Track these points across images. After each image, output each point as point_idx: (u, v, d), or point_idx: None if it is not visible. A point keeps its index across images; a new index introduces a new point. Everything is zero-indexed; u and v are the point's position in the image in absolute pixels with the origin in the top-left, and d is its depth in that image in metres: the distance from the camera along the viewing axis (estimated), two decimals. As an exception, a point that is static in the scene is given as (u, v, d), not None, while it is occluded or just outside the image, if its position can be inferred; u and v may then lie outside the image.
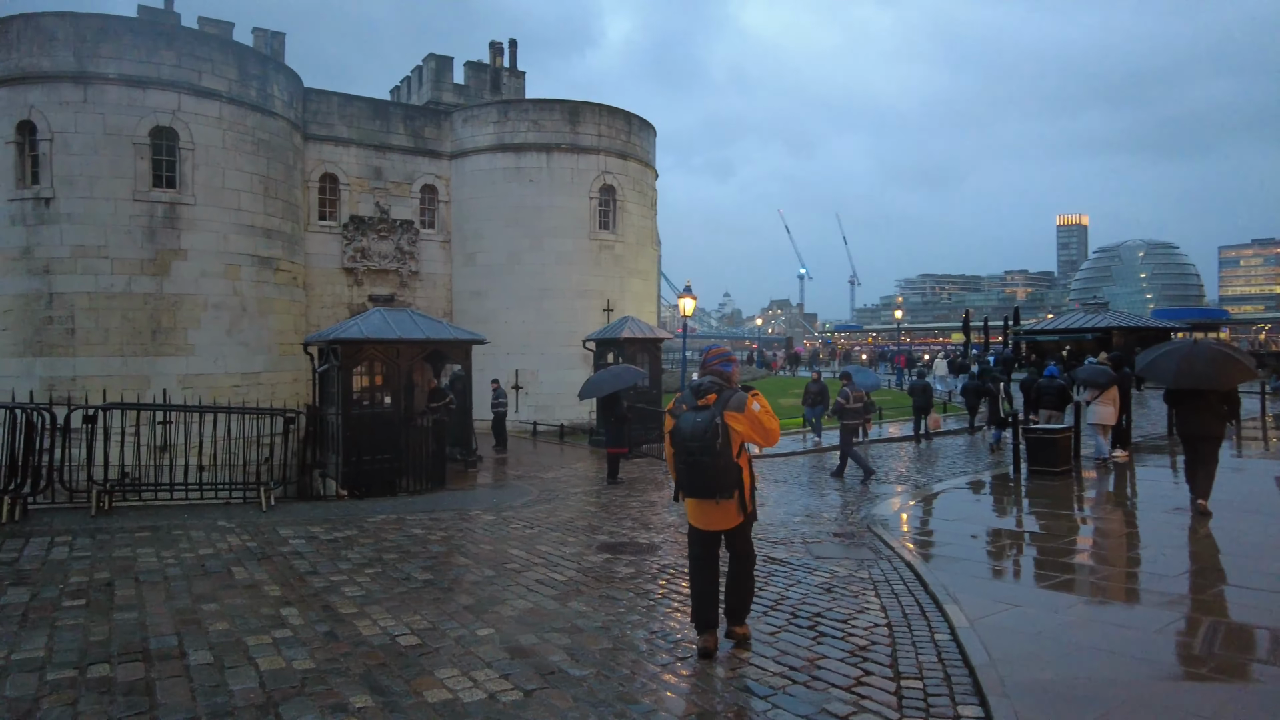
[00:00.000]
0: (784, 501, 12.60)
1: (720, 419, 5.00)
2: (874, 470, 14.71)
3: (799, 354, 63.13)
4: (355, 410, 15.54)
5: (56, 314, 18.78)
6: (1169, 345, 10.74)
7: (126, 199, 18.93)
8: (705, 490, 5.03)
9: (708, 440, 4.93)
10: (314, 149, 24.20)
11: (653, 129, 28.43)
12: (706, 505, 5.11)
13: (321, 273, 24.42)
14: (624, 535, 9.53)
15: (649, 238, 27.85)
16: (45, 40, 18.72)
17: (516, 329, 25.34)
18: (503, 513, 11.09)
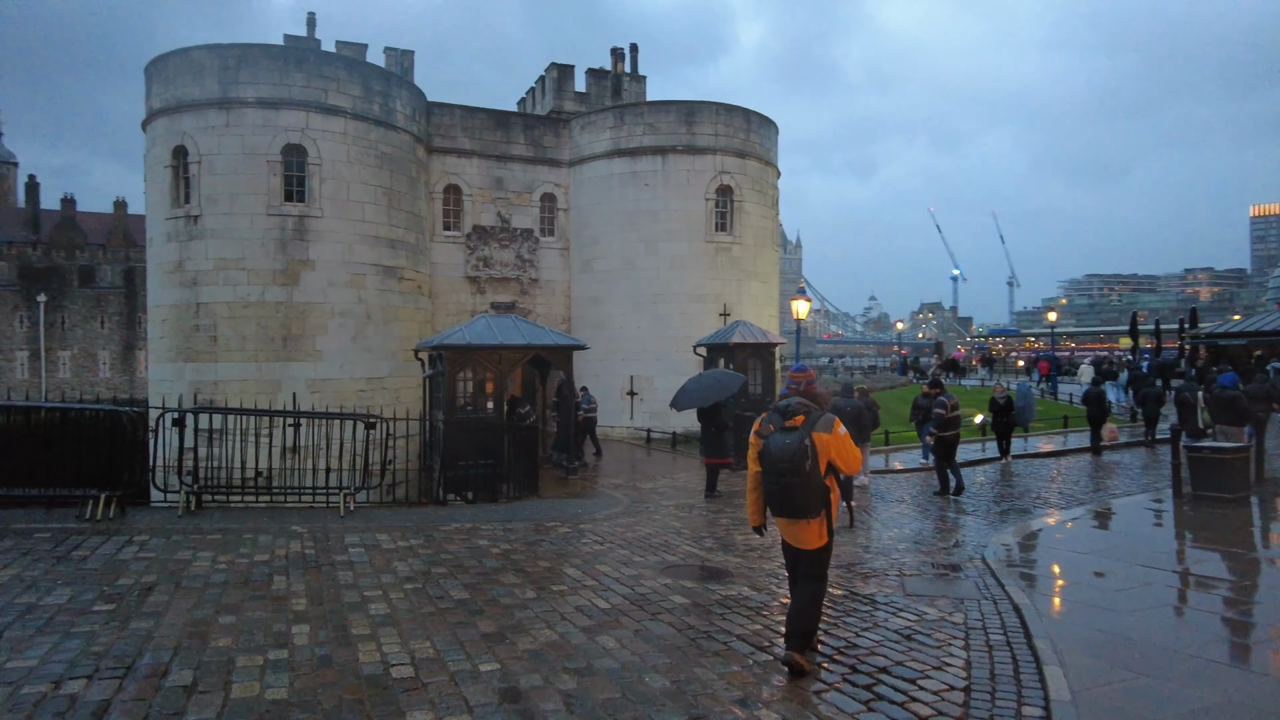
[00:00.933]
0: (893, 524, 11.34)
1: (809, 440, 5.03)
2: (964, 486, 13.25)
3: (957, 359, 56.79)
4: (458, 415, 15.65)
5: (202, 322, 20.22)
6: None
7: (261, 213, 20.12)
8: (794, 511, 5.10)
9: (797, 461, 4.97)
10: (438, 161, 24.92)
11: (774, 125, 27.31)
12: (798, 523, 5.19)
13: (446, 281, 25.07)
14: (697, 557, 8.73)
15: (769, 239, 26.72)
16: (195, 71, 20.24)
17: (631, 335, 24.97)
18: (580, 525, 10.56)
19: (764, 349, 19.69)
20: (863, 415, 13.39)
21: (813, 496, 5.06)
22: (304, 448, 11.87)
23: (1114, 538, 9.72)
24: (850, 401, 13.64)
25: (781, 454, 5.03)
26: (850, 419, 13.00)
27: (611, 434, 25.25)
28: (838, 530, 6.07)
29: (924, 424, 16.79)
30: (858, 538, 10.14)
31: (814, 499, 5.07)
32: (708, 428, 14.88)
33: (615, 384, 25.17)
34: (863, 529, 10.82)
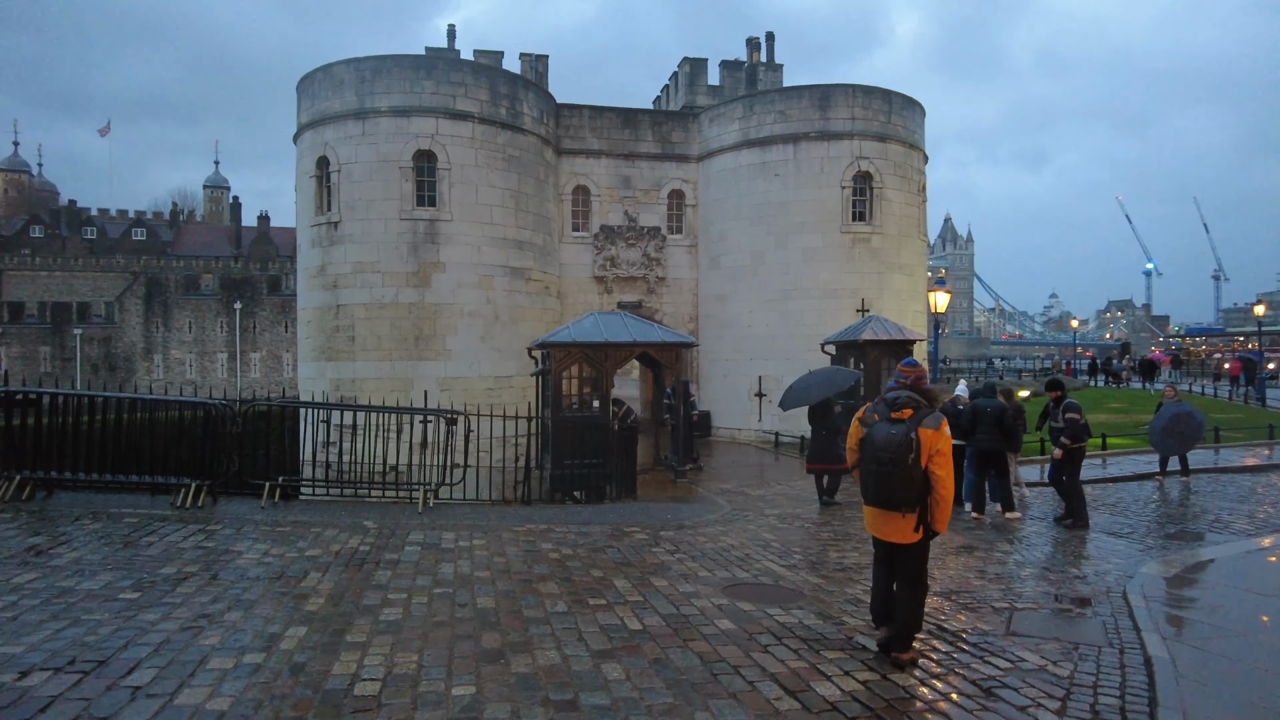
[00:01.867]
0: (1024, 543, 9.74)
1: (915, 434, 5.01)
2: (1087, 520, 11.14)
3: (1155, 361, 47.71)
4: (563, 413, 15.38)
5: (341, 323, 21.30)
6: None
7: (394, 218, 20.92)
8: (890, 501, 5.08)
9: (900, 453, 4.98)
10: (566, 163, 25.01)
11: (919, 107, 25.25)
12: (889, 516, 5.14)
13: (574, 282, 25.11)
14: (773, 575, 7.76)
15: (915, 228, 24.69)
16: (335, 85, 21.40)
17: (760, 333, 23.86)
18: (661, 531, 9.82)
19: (899, 346, 18.02)
20: (1005, 416, 11.72)
21: (910, 489, 5.00)
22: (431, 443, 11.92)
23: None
24: (991, 402, 12.01)
25: (886, 443, 5.03)
26: (990, 420, 11.39)
27: (739, 436, 24.29)
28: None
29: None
30: (975, 559, 8.72)
31: (910, 492, 5.01)
32: (817, 430, 13.64)
33: (742, 384, 24.17)
34: (984, 548, 9.33)
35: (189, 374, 59.73)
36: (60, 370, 58.42)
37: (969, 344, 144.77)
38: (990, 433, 11.51)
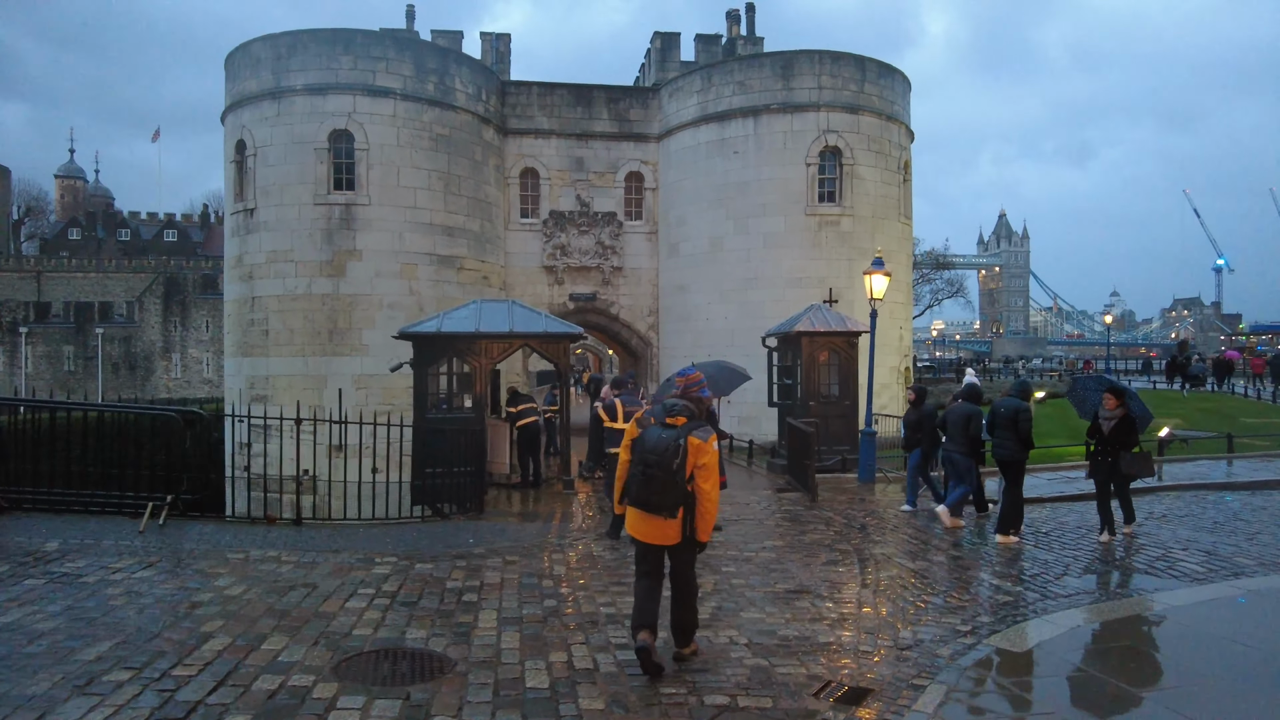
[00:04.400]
0: (881, 588, 7.56)
1: (684, 442, 5.11)
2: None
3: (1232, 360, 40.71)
4: (430, 414, 13.61)
5: (256, 316, 19.96)
6: None
7: (309, 203, 19.48)
8: (651, 504, 5.11)
9: (666, 457, 5.05)
10: (513, 143, 23.29)
11: (899, 75, 22.75)
12: (650, 518, 5.17)
13: (522, 272, 23.37)
14: (418, 640, 5.81)
15: (893, 209, 22.20)
16: (252, 64, 20.08)
17: (719, 326, 21.72)
18: (418, 565, 7.93)
19: (839, 339, 15.76)
20: (1021, 417, 9.72)
21: (671, 493, 5.08)
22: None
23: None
24: (1009, 401, 9.98)
25: (655, 446, 5.11)
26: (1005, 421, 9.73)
27: (697, 440, 22.15)
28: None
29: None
30: (791, 605, 6.60)
31: (672, 496, 5.08)
32: None
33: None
34: (826, 589, 7.19)
35: (206, 373, 60.02)
36: (83, 369, 59.35)
37: (1024, 344, 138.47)
38: (1004, 437, 9.77)
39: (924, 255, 69.02)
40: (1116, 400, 9.39)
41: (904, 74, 22.88)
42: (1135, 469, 9.41)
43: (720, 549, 9.03)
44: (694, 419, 5.29)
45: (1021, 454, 9.74)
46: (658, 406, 5.47)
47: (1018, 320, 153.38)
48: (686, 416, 5.27)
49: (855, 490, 13.59)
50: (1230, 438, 17.14)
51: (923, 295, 69.26)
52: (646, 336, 24.09)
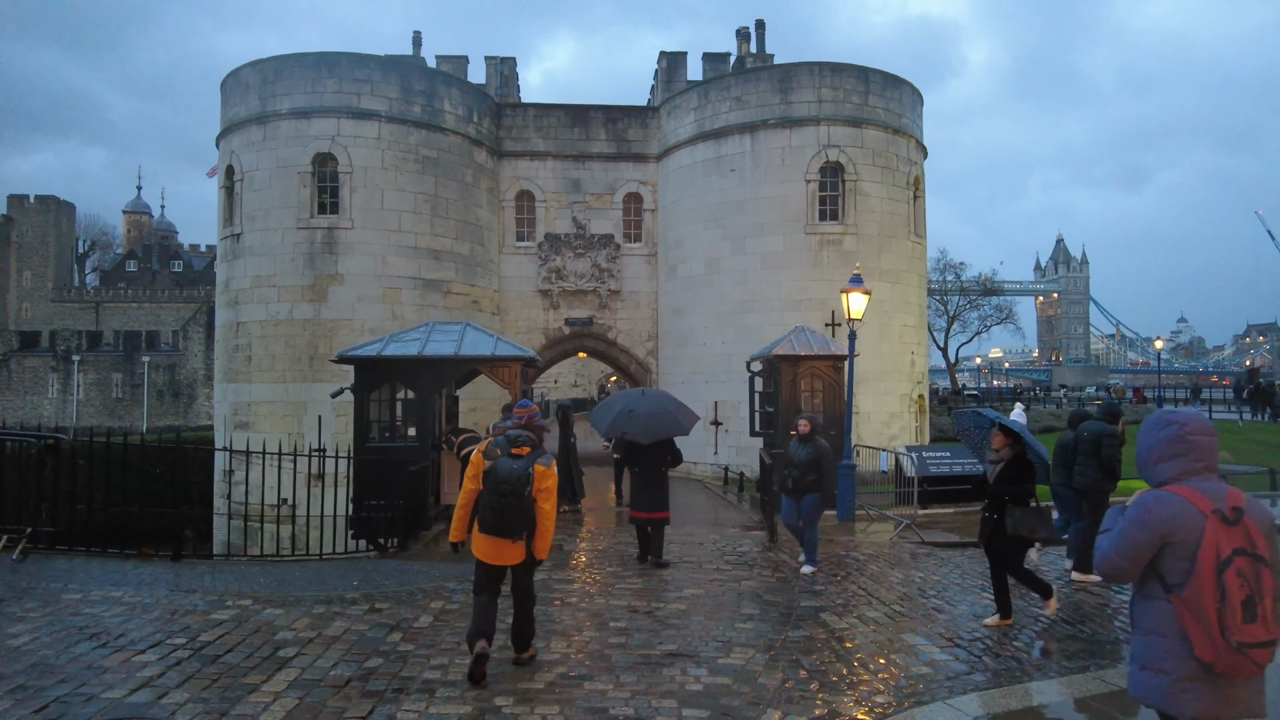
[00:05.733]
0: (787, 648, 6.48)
1: (531, 470, 5.50)
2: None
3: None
4: (371, 444, 12.90)
5: (240, 342, 19.70)
6: None
7: (292, 227, 19.21)
8: (505, 530, 5.46)
9: (519, 485, 5.43)
10: (509, 166, 22.82)
11: (909, 87, 21.60)
12: (501, 543, 5.53)
13: (516, 296, 22.75)
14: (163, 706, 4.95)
15: (902, 227, 20.92)
16: (242, 89, 20.05)
17: (716, 351, 20.67)
18: (289, 608, 7.13)
19: (823, 364, 14.60)
20: (1104, 442, 8.68)
21: (523, 518, 5.48)
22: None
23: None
24: (1093, 425, 8.92)
25: (508, 476, 5.45)
26: (1087, 448, 8.72)
27: (694, 471, 21.04)
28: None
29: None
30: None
31: (524, 520, 5.49)
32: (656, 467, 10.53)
33: (698, 411, 20.86)
34: (690, 654, 6.11)
35: (245, 401, 61.05)
36: (130, 396, 61.00)
37: (1085, 372, 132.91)
38: (1085, 463, 8.73)
39: (972, 281, 66.78)
40: (1005, 438, 7.19)
41: (913, 86, 21.73)
42: (1027, 528, 6.94)
43: (629, 597, 8.02)
44: (536, 448, 5.71)
45: (1106, 483, 8.69)
46: (501, 438, 5.74)
47: (1078, 347, 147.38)
48: (530, 446, 5.67)
49: (829, 530, 12.35)
50: (1273, 473, 15.33)
51: (971, 322, 66.87)
52: (645, 362, 23.17)
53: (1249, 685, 2.96)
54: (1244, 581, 2.84)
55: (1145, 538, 3.01)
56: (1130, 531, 3.06)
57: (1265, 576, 2.86)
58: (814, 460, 9.14)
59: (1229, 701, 2.95)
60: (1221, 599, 2.84)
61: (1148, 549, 3.02)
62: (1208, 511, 2.94)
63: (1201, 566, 2.88)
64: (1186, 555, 2.93)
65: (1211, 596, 2.86)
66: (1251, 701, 2.97)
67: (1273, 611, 2.86)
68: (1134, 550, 3.05)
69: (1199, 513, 2.94)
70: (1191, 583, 2.90)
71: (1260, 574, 2.86)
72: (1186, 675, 2.96)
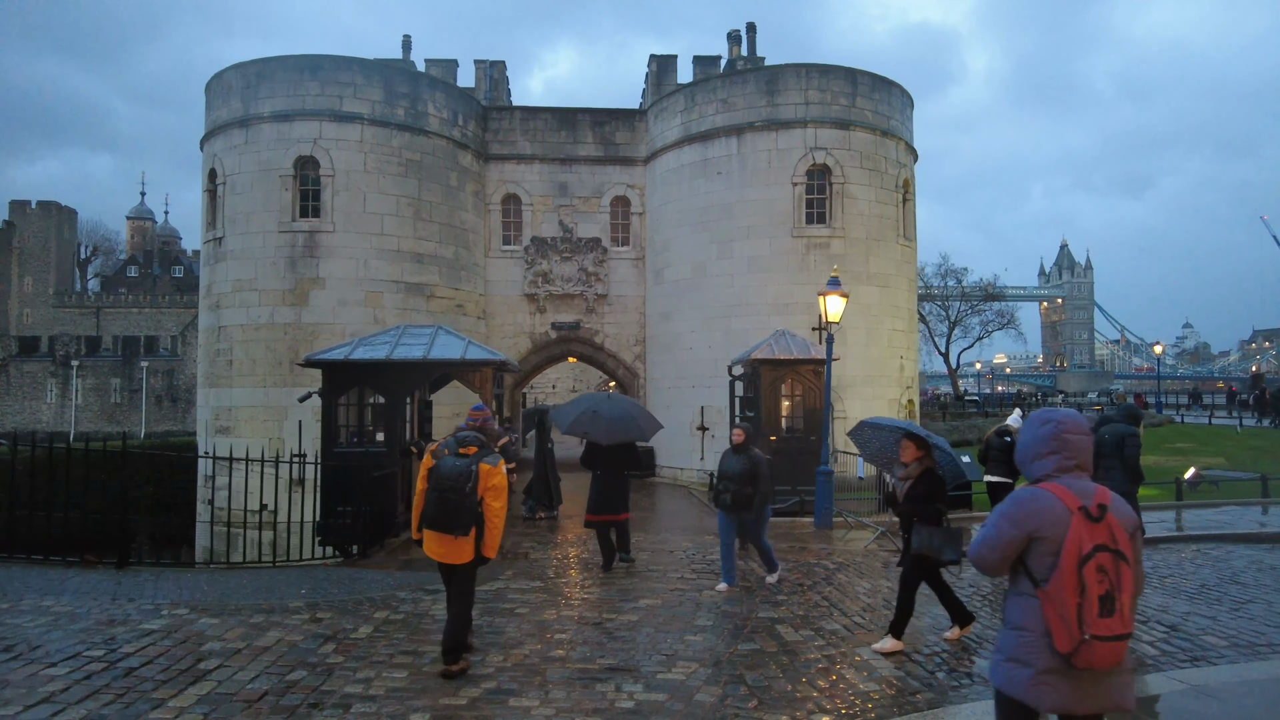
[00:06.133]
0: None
1: (475, 468, 5.64)
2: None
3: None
4: (338, 449, 12.68)
5: (221, 347, 19.54)
6: None
7: (273, 231, 19.07)
8: (443, 524, 5.60)
9: (460, 481, 5.58)
10: (495, 169, 22.66)
11: (897, 88, 21.38)
12: (444, 539, 5.66)
13: (503, 300, 22.56)
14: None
15: (891, 230, 20.67)
16: (224, 92, 19.94)
17: (702, 355, 20.43)
18: (226, 618, 6.91)
19: (804, 368, 14.35)
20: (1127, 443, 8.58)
21: (464, 515, 5.58)
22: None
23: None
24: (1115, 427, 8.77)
25: (449, 473, 5.61)
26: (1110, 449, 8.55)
27: (681, 477, 20.86)
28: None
29: None
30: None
31: (464, 517, 5.59)
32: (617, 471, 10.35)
33: (685, 416, 20.71)
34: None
35: (243, 406, 60.97)
36: (128, 401, 60.98)
37: (1089, 378, 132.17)
38: (1109, 467, 8.39)
39: (973, 286, 66.43)
40: (917, 449, 6.52)
41: (902, 88, 21.50)
42: (934, 549, 6.22)
43: (582, 608, 7.78)
44: (484, 448, 5.83)
45: (1129, 486, 8.41)
46: (450, 439, 5.92)
47: (1082, 353, 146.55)
48: (477, 446, 5.81)
49: (805, 538, 12.10)
50: (1265, 480, 15.01)
51: (972, 327, 66.48)
52: (633, 367, 22.94)
53: (1108, 678, 3.02)
54: (1104, 576, 2.94)
55: (1013, 532, 3.11)
56: (1001, 525, 3.15)
57: (1125, 572, 2.96)
58: (750, 472, 8.54)
59: (1087, 695, 3.02)
60: (1081, 593, 2.93)
61: (1015, 543, 3.11)
62: (1074, 508, 3.02)
63: (1065, 561, 2.96)
64: (1052, 550, 3.02)
65: (1072, 590, 2.94)
66: (1111, 695, 3.04)
67: (1130, 607, 2.96)
68: (1001, 543, 3.14)
69: (1065, 509, 3.03)
70: (1055, 577, 2.97)
71: (1120, 570, 2.95)
72: (1047, 668, 3.03)
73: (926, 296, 65.59)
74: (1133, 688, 3.15)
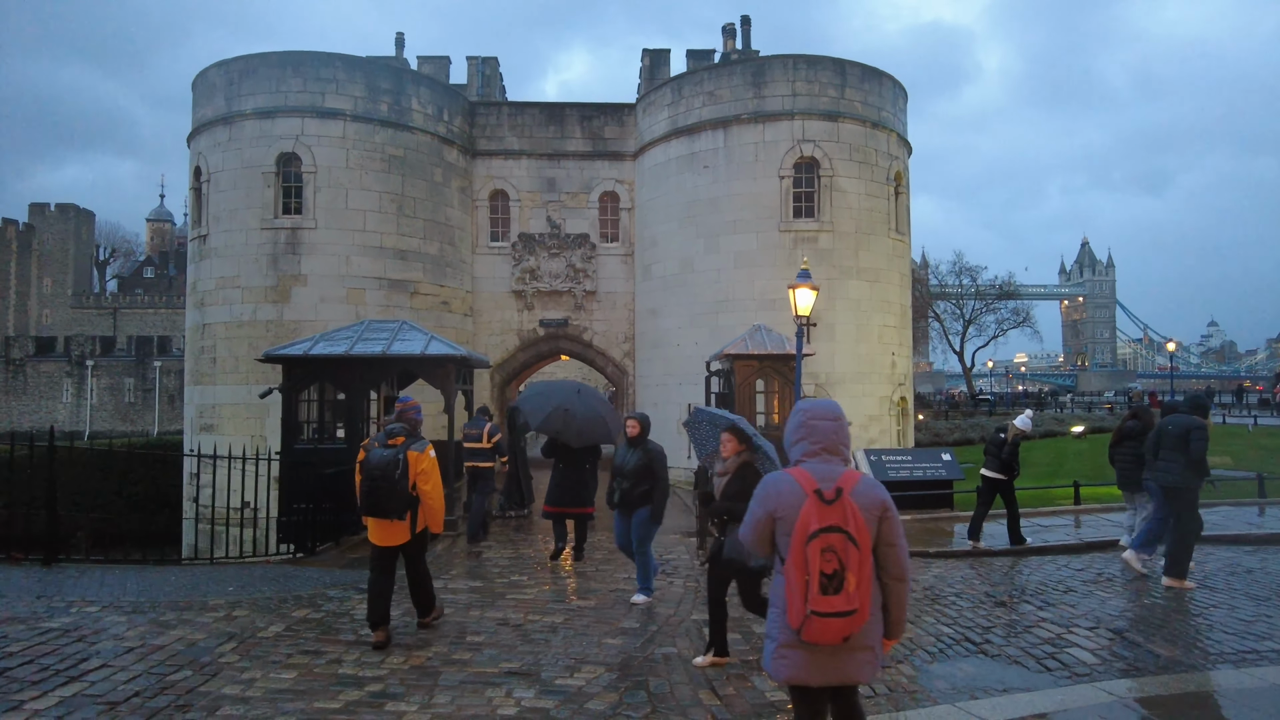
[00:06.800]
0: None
1: (403, 456, 6.10)
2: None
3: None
4: (299, 445, 12.55)
5: (206, 344, 19.52)
6: None
7: (256, 228, 19.00)
8: (381, 510, 6.09)
9: (388, 470, 6.03)
10: (482, 165, 22.48)
11: (889, 80, 20.92)
12: (381, 523, 6.20)
13: (490, 297, 22.38)
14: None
15: (882, 224, 20.23)
16: (209, 90, 19.92)
17: (689, 353, 20.10)
18: (133, 616, 6.74)
19: (779, 362, 14.02)
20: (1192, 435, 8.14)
21: (395, 499, 6.06)
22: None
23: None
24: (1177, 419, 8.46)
25: (378, 463, 6.07)
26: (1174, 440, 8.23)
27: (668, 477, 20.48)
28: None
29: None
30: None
31: (396, 502, 6.07)
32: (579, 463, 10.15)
33: (673, 414, 20.30)
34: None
35: (254, 405, 61.40)
36: (142, 400, 61.63)
37: (1111, 377, 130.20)
38: (1171, 459, 8.20)
39: (988, 284, 65.53)
40: (737, 444, 5.86)
41: (894, 79, 21.05)
42: (745, 554, 5.15)
43: (510, 609, 7.52)
44: (411, 436, 6.32)
45: (1193, 480, 8.16)
46: (381, 433, 6.38)
47: (1104, 352, 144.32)
48: (404, 436, 6.29)
49: (771, 536, 11.77)
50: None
51: (987, 326, 65.61)
52: (622, 364, 22.67)
53: (842, 653, 3.17)
54: (831, 556, 3.07)
55: (761, 513, 3.32)
56: (754, 508, 3.35)
57: (852, 553, 3.07)
58: (644, 467, 7.72)
59: (820, 668, 3.18)
60: (807, 570, 3.07)
61: (763, 524, 3.31)
62: (809, 491, 3.18)
63: (794, 540, 3.12)
64: (788, 530, 3.18)
65: (800, 567, 3.10)
66: (844, 669, 3.19)
67: (857, 586, 3.06)
68: (755, 525, 3.34)
69: (802, 492, 3.20)
70: (790, 555, 3.14)
71: (849, 551, 3.07)
72: (784, 642, 3.21)
73: (941, 295, 64.92)
74: (873, 664, 3.23)
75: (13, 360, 62.38)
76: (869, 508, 3.19)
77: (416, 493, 6.15)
